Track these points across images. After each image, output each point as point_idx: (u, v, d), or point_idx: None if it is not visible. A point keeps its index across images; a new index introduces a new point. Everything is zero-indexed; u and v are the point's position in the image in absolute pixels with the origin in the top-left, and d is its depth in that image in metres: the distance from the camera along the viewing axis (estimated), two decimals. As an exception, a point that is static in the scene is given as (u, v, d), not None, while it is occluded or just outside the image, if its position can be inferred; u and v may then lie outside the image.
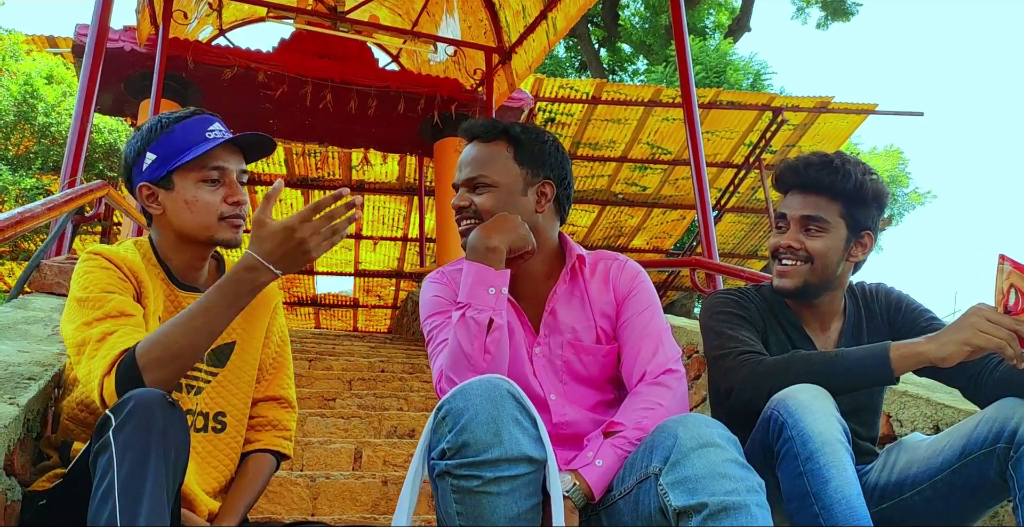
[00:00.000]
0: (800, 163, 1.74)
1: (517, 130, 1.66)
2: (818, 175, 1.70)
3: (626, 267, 1.71)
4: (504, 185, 1.62)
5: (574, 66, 16.04)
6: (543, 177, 1.66)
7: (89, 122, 4.40)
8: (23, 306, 2.72)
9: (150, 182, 1.62)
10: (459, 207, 1.64)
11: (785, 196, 1.78)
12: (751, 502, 1.20)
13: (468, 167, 1.65)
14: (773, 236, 1.78)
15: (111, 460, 1.20)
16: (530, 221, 1.63)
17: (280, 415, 1.77)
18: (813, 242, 1.71)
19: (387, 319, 13.69)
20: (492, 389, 1.27)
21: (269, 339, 1.77)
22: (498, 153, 1.64)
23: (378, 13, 8.97)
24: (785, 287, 1.74)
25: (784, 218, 1.75)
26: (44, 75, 7.33)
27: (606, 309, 1.66)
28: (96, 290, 1.49)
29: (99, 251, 1.57)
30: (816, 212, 1.71)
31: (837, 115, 10.22)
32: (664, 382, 1.54)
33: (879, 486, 1.61)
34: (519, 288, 1.66)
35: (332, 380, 4.73)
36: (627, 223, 12.15)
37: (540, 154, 1.66)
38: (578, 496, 1.39)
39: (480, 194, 1.62)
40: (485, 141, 1.66)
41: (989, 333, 1.38)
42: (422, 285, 1.75)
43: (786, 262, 1.73)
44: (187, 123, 1.61)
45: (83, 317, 1.46)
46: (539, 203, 1.65)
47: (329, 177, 10.66)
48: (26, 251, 7.35)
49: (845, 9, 15.15)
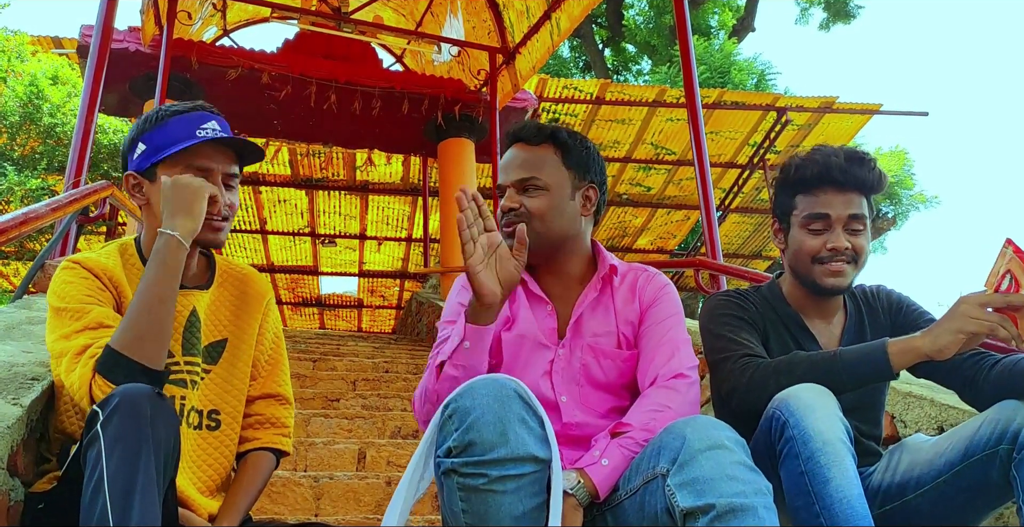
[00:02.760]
0: (839, 159, 1.68)
1: (564, 135, 1.67)
2: (860, 172, 1.68)
3: (654, 279, 1.72)
4: (555, 188, 1.63)
5: (578, 66, 16.03)
6: (589, 181, 1.68)
7: (94, 123, 4.41)
8: (27, 306, 2.73)
9: (136, 172, 1.61)
10: (509, 208, 1.63)
11: (809, 195, 1.72)
12: (759, 505, 1.20)
13: (518, 169, 1.65)
14: (809, 237, 1.71)
15: (99, 453, 1.19)
16: (575, 224, 1.66)
17: (278, 412, 1.76)
18: (858, 240, 1.70)
19: (391, 320, 13.70)
20: (499, 388, 1.27)
21: (263, 336, 1.77)
22: (547, 156, 1.65)
23: (382, 14, 8.97)
24: (841, 286, 1.71)
25: (826, 218, 1.69)
26: (49, 76, 7.35)
27: (630, 317, 1.67)
28: (74, 301, 1.48)
29: (77, 260, 1.56)
30: (860, 210, 1.70)
31: (842, 115, 10.20)
32: (674, 386, 1.54)
33: (882, 488, 1.61)
34: (552, 288, 1.69)
35: (336, 380, 4.74)
36: (631, 223, 12.15)
37: (586, 158, 1.68)
38: (582, 494, 1.39)
39: (532, 196, 1.62)
40: (533, 144, 1.66)
41: (980, 318, 1.38)
42: (453, 285, 1.75)
43: (839, 262, 1.69)
44: (183, 117, 1.59)
45: (62, 329, 1.45)
46: (584, 207, 1.68)
47: (333, 178, 10.68)
48: (31, 251, 7.38)
49: (847, 11, 15.12)
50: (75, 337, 1.43)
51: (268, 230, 11.64)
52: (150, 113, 1.63)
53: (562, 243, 1.66)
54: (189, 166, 1.57)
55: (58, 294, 1.51)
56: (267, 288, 1.81)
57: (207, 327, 1.67)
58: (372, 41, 8.58)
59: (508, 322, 1.65)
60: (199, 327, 1.65)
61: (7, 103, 7.03)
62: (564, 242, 1.66)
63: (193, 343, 1.62)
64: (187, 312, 1.64)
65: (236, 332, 1.71)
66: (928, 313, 1.79)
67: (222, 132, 1.60)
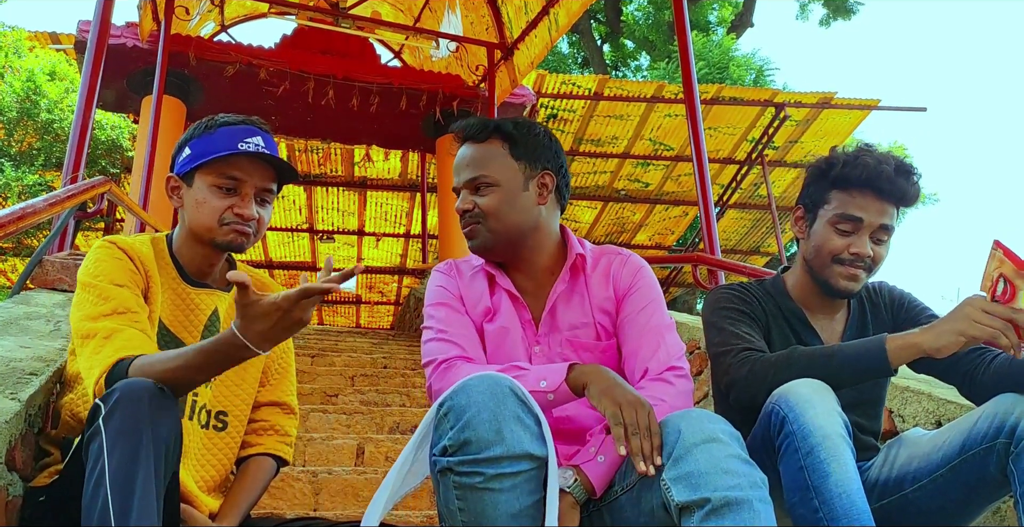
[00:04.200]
0: (889, 167, 1.66)
1: (509, 126, 1.65)
2: (904, 185, 1.66)
3: (628, 262, 1.69)
4: (506, 182, 1.61)
5: (577, 62, 16.01)
6: (541, 168, 1.65)
7: (91, 118, 4.40)
8: (25, 302, 2.73)
9: (178, 175, 1.64)
10: (463, 210, 1.63)
11: (844, 192, 1.69)
12: (754, 498, 1.20)
13: (466, 169, 1.63)
14: (836, 237, 1.69)
15: (101, 447, 1.20)
16: (533, 215, 1.63)
17: (282, 420, 1.79)
18: (880, 249, 1.70)
19: (390, 315, 13.71)
20: (494, 386, 1.27)
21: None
22: (494, 151, 1.63)
23: (380, 9, 8.97)
24: (853, 291, 1.71)
25: (859, 222, 1.67)
26: (47, 72, 7.35)
27: (605, 305, 1.65)
28: (105, 280, 1.50)
29: (114, 240, 1.58)
30: (891, 221, 1.69)
31: (840, 111, 10.19)
32: (667, 378, 1.53)
33: (880, 482, 1.61)
34: (522, 282, 1.66)
35: (335, 376, 4.74)
36: (630, 219, 12.15)
37: (535, 146, 1.65)
38: (579, 491, 1.39)
39: (483, 195, 1.61)
40: (479, 141, 1.64)
41: (983, 323, 1.37)
42: (431, 273, 1.75)
43: (857, 267, 1.69)
44: (231, 129, 1.61)
45: (91, 309, 1.47)
46: (541, 195, 1.64)
47: (332, 173, 10.67)
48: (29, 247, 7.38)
49: (847, 7, 15.11)
50: (103, 320, 1.44)
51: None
52: (203, 120, 1.65)
53: (522, 237, 1.63)
54: (223, 175, 1.58)
55: (90, 271, 1.53)
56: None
57: (224, 328, 1.68)
58: (370, 37, 8.58)
59: (490, 313, 1.64)
60: (218, 327, 1.67)
61: (4, 99, 7.02)
62: (525, 235, 1.63)
63: None
64: (209, 311, 1.67)
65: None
66: (929, 309, 1.79)
67: (265, 148, 1.60)
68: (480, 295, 1.66)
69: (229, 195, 1.59)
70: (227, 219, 1.59)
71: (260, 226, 1.64)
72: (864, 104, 10.08)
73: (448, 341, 1.57)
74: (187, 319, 1.64)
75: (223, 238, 1.60)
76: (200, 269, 1.67)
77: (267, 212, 1.65)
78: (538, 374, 1.42)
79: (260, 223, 1.63)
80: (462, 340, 1.58)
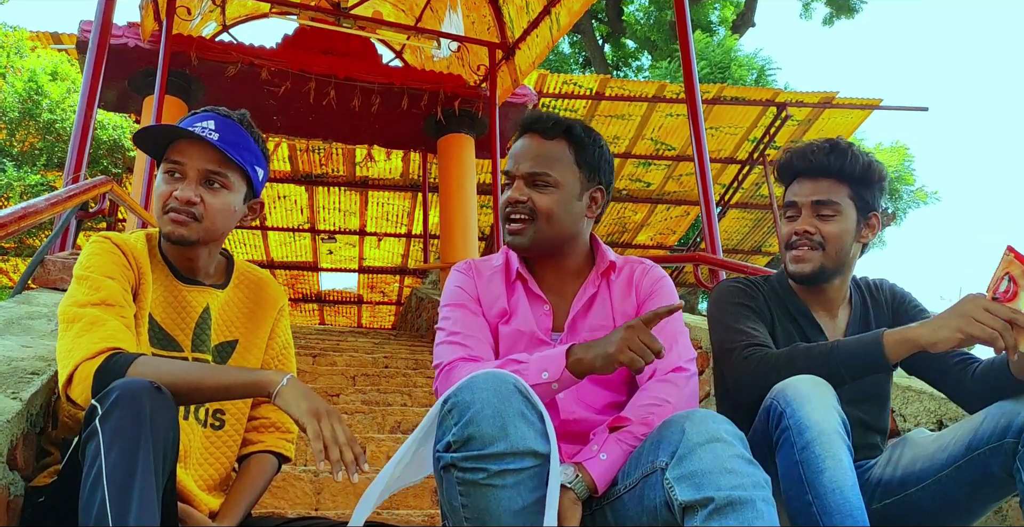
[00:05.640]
0: (807, 149, 1.75)
1: (579, 131, 1.63)
2: (827, 159, 1.71)
3: (651, 271, 1.71)
4: (566, 186, 1.60)
5: (578, 62, 16.02)
6: (597, 182, 1.66)
7: (93, 118, 4.40)
8: (27, 301, 2.73)
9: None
10: (516, 200, 1.60)
11: (791, 184, 1.78)
12: (757, 497, 1.20)
13: (530, 161, 1.60)
14: (785, 225, 1.78)
15: (98, 448, 1.19)
16: (579, 225, 1.64)
17: (283, 417, 1.77)
18: (827, 226, 1.72)
19: (391, 315, 13.72)
20: (499, 383, 1.27)
21: (273, 340, 1.77)
22: (561, 152, 1.61)
23: (381, 9, 8.97)
24: (803, 272, 1.73)
25: (794, 205, 1.76)
26: (49, 72, 7.35)
27: (628, 311, 1.66)
28: (97, 272, 1.51)
29: (108, 235, 1.59)
30: (828, 196, 1.72)
31: (842, 110, 10.19)
32: (672, 380, 1.54)
33: (883, 482, 1.61)
34: (550, 283, 1.67)
35: (336, 376, 4.74)
36: (631, 219, 12.15)
37: (598, 159, 1.65)
38: (581, 488, 1.39)
39: (541, 192, 1.59)
40: (547, 137, 1.62)
41: (984, 322, 1.36)
42: (450, 272, 1.74)
43: (802, 248, 1.73)
44: (192, 117, 1.61)
45: (79, 297, 1.48)
46: (590, 208, 1.65)
47: (333, 173, 10.68)
48: (31, 247, 7.39)
49: (850, 6, 15.10)
50: (91, 308, 1.46)
51: (268, 226, 11.65)
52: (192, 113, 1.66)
53: (562, 243, 1.64)
54: (167, 160, 1.59)
55: (83, 263, 1.54)
56: (281, 295, 1.81)
57: (218, 326, 1.68)
58: (371, 37, 8.58)
59: (506, 315, 1.65)
60: (210, 325, 1.66)
61: (6, 99, 7.03)
62: (564, 242, 1.65)
63: (203, 339, 1.64)
64: (200, 308, 1.65)
65: (247, 335, 1.72)
66: (927, 310, 1.80)
67: (214, 131, 1.57)
68: (497, 296, 1.66)
69: (177, 181, 1.57)
70: (169, 205, 1.56)
71: (208, 211, 1.57)
72: (866, 104, 10.08)
73: (457, 344, 1.57)
74: (178, 316, 1.63)
75: (165, 229, 1.57)
76: (185, 266, 1.65)
77: (219, 198, 1.58)
78: (538, 366, 1.42)
79: (208, 208, 1.57)
80: (472, 342, 1.58)
